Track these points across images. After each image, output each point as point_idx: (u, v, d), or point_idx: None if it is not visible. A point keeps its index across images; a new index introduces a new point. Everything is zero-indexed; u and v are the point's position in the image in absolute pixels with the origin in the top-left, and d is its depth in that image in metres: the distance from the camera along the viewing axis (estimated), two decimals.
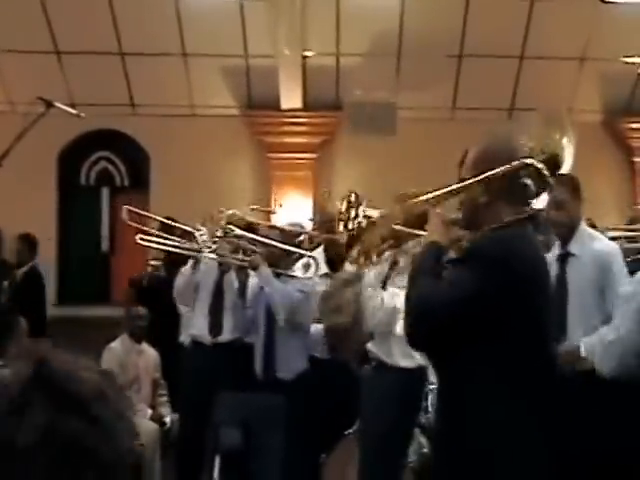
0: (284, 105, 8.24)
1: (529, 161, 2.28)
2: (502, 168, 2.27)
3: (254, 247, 5.01)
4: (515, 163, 2.29)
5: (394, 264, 3.99)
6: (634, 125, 8.55)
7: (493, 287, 2.14)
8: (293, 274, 5.02)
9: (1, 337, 4.30)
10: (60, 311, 8.27)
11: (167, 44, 7.98)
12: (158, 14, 7.81)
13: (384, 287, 3.95)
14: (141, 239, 5.33)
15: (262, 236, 5.13)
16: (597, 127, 8.49)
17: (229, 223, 4.99)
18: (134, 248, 7.82)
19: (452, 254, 2.40)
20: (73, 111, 3.99)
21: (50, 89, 6.35)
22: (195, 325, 5.38)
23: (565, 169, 3.30)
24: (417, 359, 3.82)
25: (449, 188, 2.40)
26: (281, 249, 4.89)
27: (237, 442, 4.69)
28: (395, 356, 3.87)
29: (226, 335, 5.33)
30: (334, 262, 5.08)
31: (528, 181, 2.34)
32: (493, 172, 2.26)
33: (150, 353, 5.95)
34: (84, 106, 6.16)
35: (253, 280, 5.10)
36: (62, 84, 8.00)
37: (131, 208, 5.69)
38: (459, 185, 2.36)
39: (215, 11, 7.74)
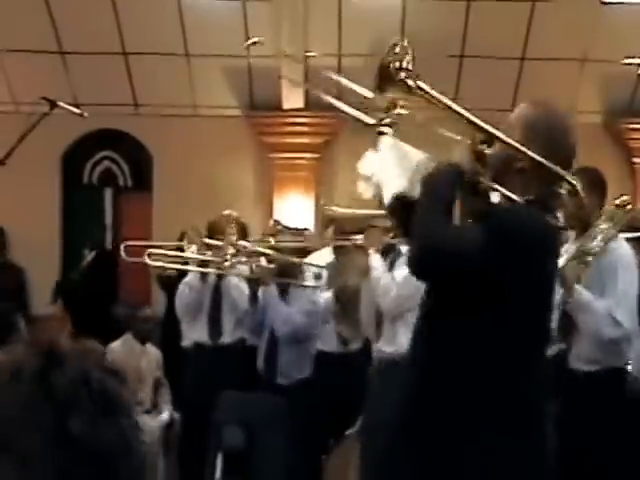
0: (286, 105, 8.27)
1: (577, 185, 2.30)
2: (556, 168, 2.26)
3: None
4: (565, 176, 2.30)
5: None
6: (635, 126, 8.56)
7: (500, 251, 2.14)
8: (303, 284, 5.03)
9: (1, 337, 4.32)
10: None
11: (170, 44, 8.02)
12: (161, 15, 7.85)
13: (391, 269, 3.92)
14: (151, 256, 5.18)
15: (273, 249, 5.05)
16: (598, 128, 8.51)
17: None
18: (137, 249, 7.89)
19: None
20: (77, 110, 4.03)
21: (54, 89, 6.40)
22: (196, 330, 5.39)
23: None
24: None
25: (495, 131, 2.32)
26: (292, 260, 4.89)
27: (239, 442, 4.71)
28: (403, 343, 3.81)
29: (227, 337, 5.35)
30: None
31: (563, 191, 2.37)
32: (543, 161, 2.24)
33: (153, 353, 5.99)
34: (87, 106, 6.19)
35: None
36: (66, 84, 8.04)
37: (130, 243, 5.61)
38: (504, 138, 2.29)
39: (218, 12, 7.78)
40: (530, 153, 2.24)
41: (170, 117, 8.38)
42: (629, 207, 3.81)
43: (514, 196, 2.24)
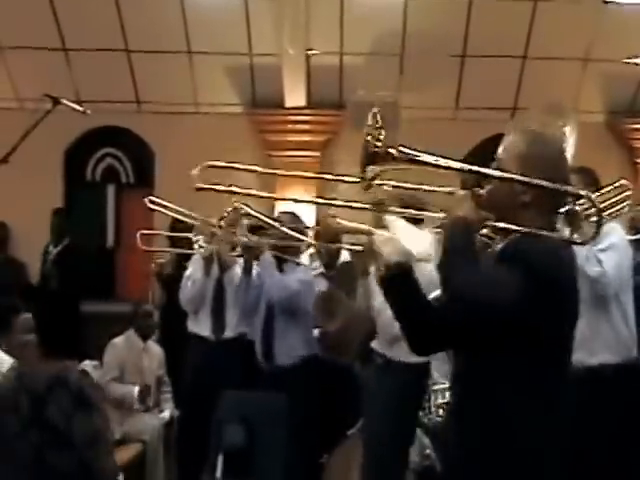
0: (288, 103, 8.29)
1: (593, 197, 2.25)
2: (561, 187, 2.24)
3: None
4: (577, 191, 2.28)
5: None
6: (637, 126, 8.56)
7: (535, 295, 2.11)
8: (298, 261, 5.03)
9: None
10: None
11: (172, 42, 8.04)
12: (164, 12, 7.87)
13: None
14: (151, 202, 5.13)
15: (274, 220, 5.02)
16: (600, 128, 8.51)
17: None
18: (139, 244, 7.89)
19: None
20: (79, 108, 4.04)
21: (56, 86, 6.41)
22: (198, 324, 5.40)
23: (568, 152, 3.36)
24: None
25: (489, 171, 2.29)
26: (289, 237, 4.76)
27: (240, 440, 4.74)
28: (400, 351, 3.81)
29: (229, 332, 5.36)
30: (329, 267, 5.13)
31: (577, 208, 2.35)
32: (553, 186, 2.21)
33: (155, 350, 6.00)
34: (90, 103, 6.22)
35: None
36: (68, 81, 8.07)
37: (145, 232, 5.58)
38: (503, 174, 2.27)
39: (220, 10, 7.80)
40: (538, 181, 2.20)
41: (172, 114, 8.40)
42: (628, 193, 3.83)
43: (529, 230, 2.20)
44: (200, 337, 5.39)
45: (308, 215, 7.99)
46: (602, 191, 3.73)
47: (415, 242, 2.37)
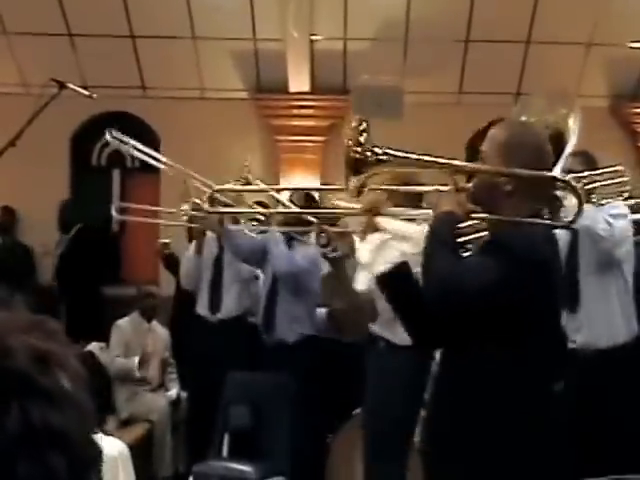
0: (292, 88, 8.32)
1: (568, 178, 2.31)
2: (539, 174, 2.29)
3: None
4: (555, 175, 2.33)
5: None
6: None
7: (518, 282, 2.15)
8: (305, 240, 5.04)
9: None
10: None
11: (177, 27, 8.07)
12: None
13: None
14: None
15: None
16: (603, 112, 8.51)
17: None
18: (144, 228, 7.97)
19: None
20: (86, 92, 4.07)
21: (62, 71, 6.44)
22: (199, 303, 5.45)
23: (570, 146, 3.39)
24: None
25: (471, 165, 2.36)
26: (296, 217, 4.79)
27: (246, 421, 4.80)
28: (403, 335, 3.87)
29: (227, 312, 5.39)
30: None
31: (559, 193, 2.39)
32: (530, 174, 2.26)
33: (160, 332, 6.06)
34: (96, 88, 6.26)
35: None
36: (74, 66, 8.11)
37: (124, 204, 5.64)
38: (485, 167, 2.32)
39: None
40: (519, 171, 2.26)
41: (177, 100, 8.44)
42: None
43: (516, 219, 2.24)
44: (201, 318, 5.44)
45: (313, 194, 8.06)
46: (592, 172, 3.78)
47: (408, 238, 2.43)
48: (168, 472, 5.68)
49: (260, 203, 5.30)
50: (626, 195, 3.89)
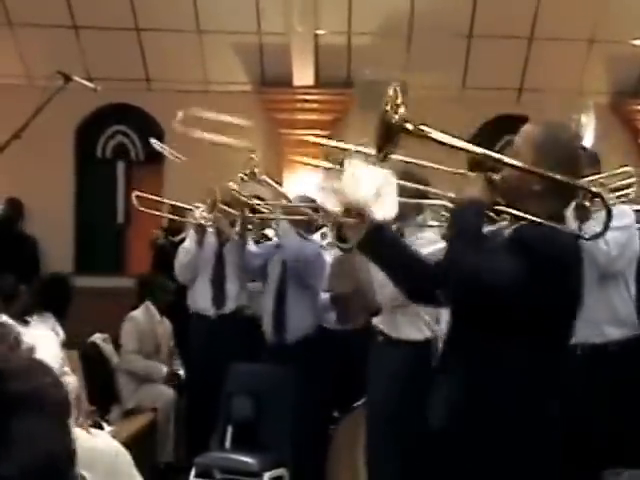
0: (296, 82, 8.35)
1: (604, 195, 2.31)
2: (574, 181, 2.30)
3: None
4: (589, 187, 2.37)
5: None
6: None
7: (537, 278, 2.16)
8: (310, 237, 5.09)
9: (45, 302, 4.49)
10: (77, 281, 8.45)
11: (182, 21, 8.10)
12: None
13: None
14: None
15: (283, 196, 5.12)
16: (605, 109, 8.50)
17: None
18: (149, 220, 8.01)
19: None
20: (91, 85, 4.08)
21: (67, 63, 6.45)
22: (198, 299, 5.46)
23: (586, 143, 3.41)
24: (425, 332, 3.85)
25: (505, 158, 2.32)
26: (300, 214, 4.87)
27: (248, 412, 4.83)
28: (402, 329, 3.88)
29: (230, 305, 5.42)
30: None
31: (587, 203, 2.37)
32: (566, 180, 2.26)
33: (166, 322, 6.13)
34: (100, 80, 6.29)
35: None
36: (79, 59, 8.13)
37: (140, 194, 5.76)
38: (515, 163, 2.31)
39: None
40: (551, 174, 2.25)
41: (182, 93, 8.46)
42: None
43: (539, 219, 2.24)
44: (200, 315, 5.44)
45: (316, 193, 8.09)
46: (605, 174, 3.79)
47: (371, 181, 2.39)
48: (170, 458, 5.73)
49: (258, 197, 5.35)
50: (632, 196, 3.90)
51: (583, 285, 2.38)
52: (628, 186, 3.81)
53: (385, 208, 2.33)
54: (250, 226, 5.14)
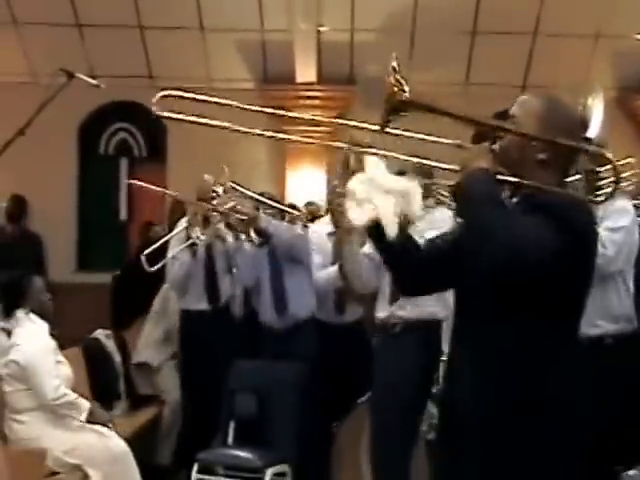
0: (299, 79, 8.34)
1: (612, 158, 2.23)
2: (581, 145, 2.29)
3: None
4: (597, 150, 2.33)
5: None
6: None
7: (569, 251, 2.12)
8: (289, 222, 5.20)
9: (10, 301, 4.48)
10: (79, 278, 8.50)
11: (185, 18, 8.10)
12: None
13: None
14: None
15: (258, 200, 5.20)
16: (611, 104, 8.47)
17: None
18: (151, 217, 8.02)
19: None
20: (94, 82, 4.08)
21: (70, 61, 6.47)
22: (191, 299, 5.44)
23: (592, 132, 3.39)
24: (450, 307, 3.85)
25: (509, 126, 2.29)
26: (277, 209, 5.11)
27: (251, 408, 4.83)
28: (426, 307, 3.81)
29: (223, 297, 5.45)
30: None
31: (598, 169, 2.34)
32: (571, 144, 2.24)
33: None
34: (104, 78, 6.29)
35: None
36: (82, 57, 8.15)
37: (138, 182, 5.76)
38: (521, 132, 2.26)
39: None
40: (562, 141, 2.21)
41: (185, 90, 8.46)
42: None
43: (548, 187, 2.20)
44: (196, 311, 5.41)
45: (319, 187, 8.11)
46: (604, 168, 3.78)
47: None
48: (172, 448, 5.75)
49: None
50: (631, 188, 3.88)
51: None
52: (629, 178, 3.80)
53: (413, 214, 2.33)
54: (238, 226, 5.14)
